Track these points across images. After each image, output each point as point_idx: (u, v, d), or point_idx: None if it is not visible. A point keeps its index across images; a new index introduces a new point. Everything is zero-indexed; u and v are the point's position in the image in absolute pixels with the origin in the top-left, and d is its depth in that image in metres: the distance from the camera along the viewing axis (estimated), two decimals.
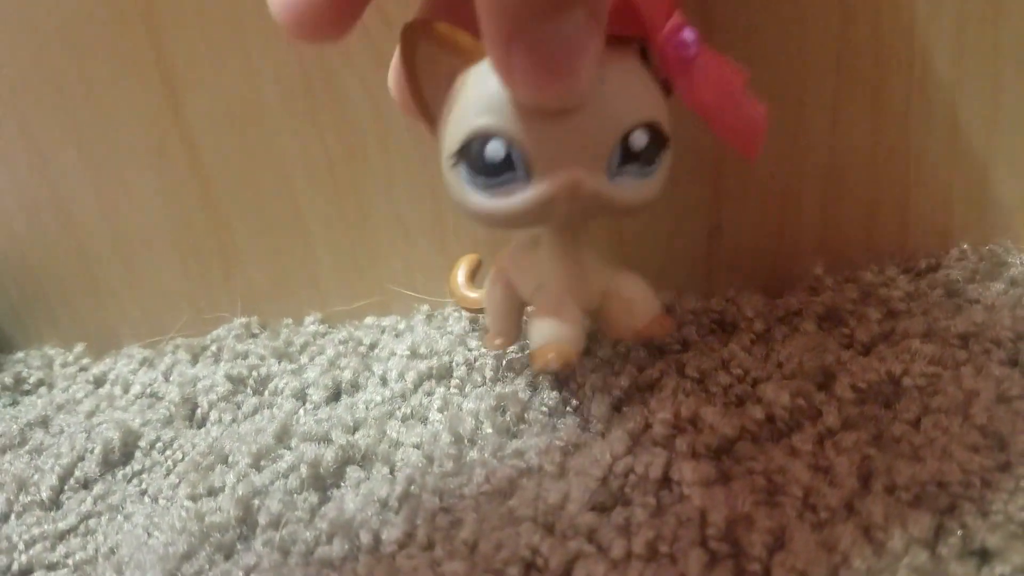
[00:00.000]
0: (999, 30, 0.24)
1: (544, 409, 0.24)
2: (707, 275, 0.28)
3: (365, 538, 0.21)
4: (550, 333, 0.22)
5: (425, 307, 0.31)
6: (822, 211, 0.27)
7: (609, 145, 0.19)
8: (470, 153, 0.19)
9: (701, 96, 0.19)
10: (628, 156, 0.19)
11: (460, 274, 0.29)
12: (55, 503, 0.26)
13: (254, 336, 0.33)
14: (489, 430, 0.24)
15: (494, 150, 0.19)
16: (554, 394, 0.24)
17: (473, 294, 0.28)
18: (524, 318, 0.25)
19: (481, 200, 0.20)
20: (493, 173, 0.19)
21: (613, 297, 0.23)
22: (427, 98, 0.20)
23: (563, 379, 0.24)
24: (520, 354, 0.27)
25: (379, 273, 0.31)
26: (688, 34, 0.19)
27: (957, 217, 0.27)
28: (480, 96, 0.19)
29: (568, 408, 0.24)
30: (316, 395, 0.28)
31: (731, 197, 0.27)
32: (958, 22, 0.24)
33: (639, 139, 0.19)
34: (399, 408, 0.26)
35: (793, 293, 0.27)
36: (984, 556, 0.17)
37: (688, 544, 0.18)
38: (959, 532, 0.18)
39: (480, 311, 0.27)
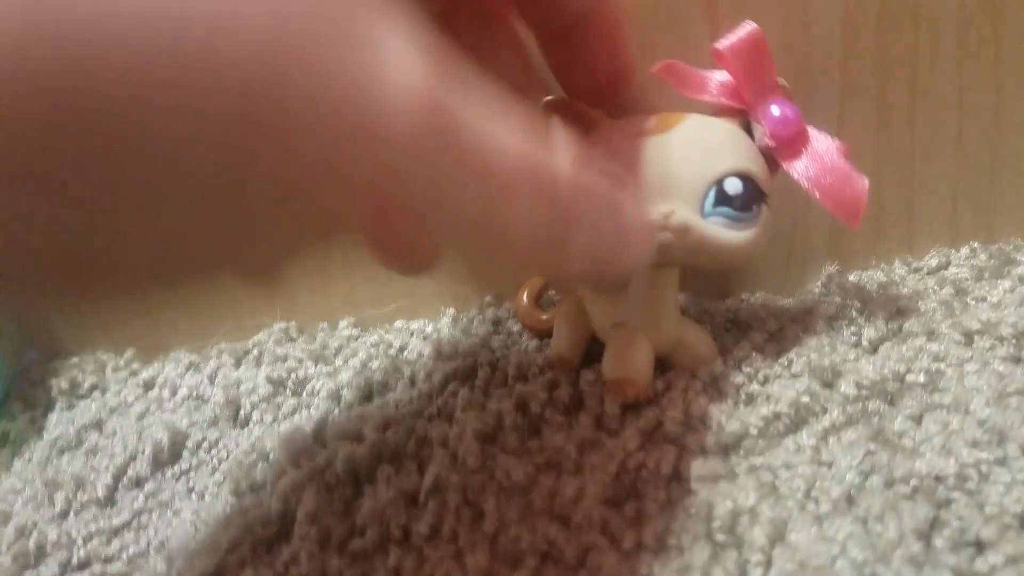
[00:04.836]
0: (999, 37, 0.25)
1: (562, 407, 0.25)
2: (723, 278, 0.29)
3: (395, 531, 0.22)
4: (625, 366, 0.24)
5: (451, 311, 0.32)
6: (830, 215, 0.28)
7: (702, 187, 0.21)
8: None
9: (806, 171, 0.21)
10: (723, 199, 0.21)
11: (525, 296, 0.30)
12: (110, 500, 0.28)
13: (292, 340, 0.34)
14: (510, 428, 0.25)
15: None
16: (571, 393, 0.25)
17: (543, 315, 0.29)
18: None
19: None
20: None
21: (685, 348, 0.25)
22: None
23: (579, 377, 0.25)
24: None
25: (407, 281, 0.32)
26: (789, 111, 0.20)
27: (965, 216, 0.27)
28: None
29: (584, 407, 0.25)
30: (350, 395, 0.29)
31: None
32: (958, 30, 0.25)
33: (733, 184, 0.21)
34: (427, 408, 0.27)
35: (805, 293, 0.28)
36: (978, 547, 0.18)
37: (695, 536, 0.19)
38: (955, 523, 0.18)
39: (547, 333, 0.29)
